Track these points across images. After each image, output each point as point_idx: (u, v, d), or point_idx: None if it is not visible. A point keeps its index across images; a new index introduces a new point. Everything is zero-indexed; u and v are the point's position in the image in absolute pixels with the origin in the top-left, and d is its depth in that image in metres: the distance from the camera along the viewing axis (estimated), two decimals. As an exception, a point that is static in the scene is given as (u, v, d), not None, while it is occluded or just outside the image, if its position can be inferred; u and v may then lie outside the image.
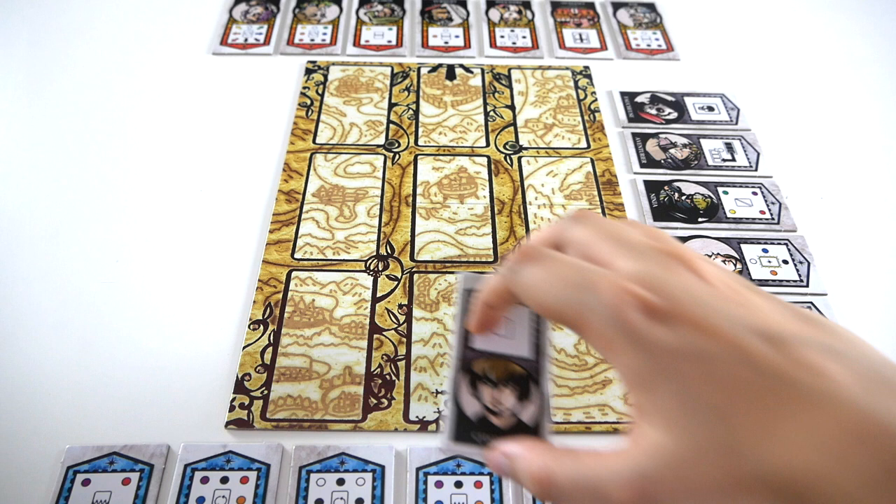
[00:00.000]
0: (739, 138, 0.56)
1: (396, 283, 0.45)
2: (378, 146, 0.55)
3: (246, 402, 0.39)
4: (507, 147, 0.55)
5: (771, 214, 0.50)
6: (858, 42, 0.68)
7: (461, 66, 0.63)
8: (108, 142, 0.55)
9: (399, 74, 0.61)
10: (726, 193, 0.52)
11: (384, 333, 0.42)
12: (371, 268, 0.46)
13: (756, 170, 0.54)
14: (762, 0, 0.72)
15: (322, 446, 0.37)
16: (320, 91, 0.60)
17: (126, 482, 0.36)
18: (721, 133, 0.57)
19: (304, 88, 0.60)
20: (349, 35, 0.66)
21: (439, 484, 0.36)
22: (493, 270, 0.34)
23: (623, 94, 0.60)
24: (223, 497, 0.35)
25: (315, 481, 0.36)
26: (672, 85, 0.62)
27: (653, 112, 0.59)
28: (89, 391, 0.40)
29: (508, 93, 0.60)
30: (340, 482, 0.36)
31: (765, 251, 0.48)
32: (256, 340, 0.42)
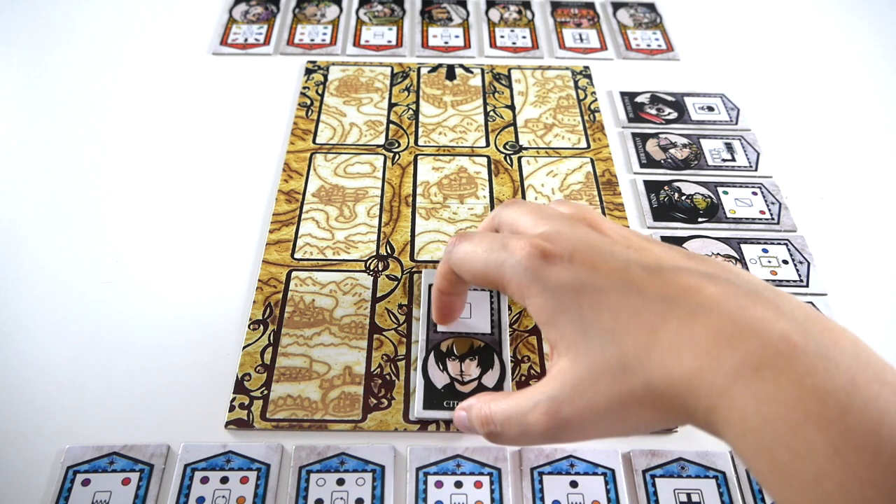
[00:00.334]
0: (739, 138, 0.56)
1: (396, 284, 0.45)
2: (378, 146, 0.55)
3: (246, 402, 0.39)
4: (507, 147, 0.55)
5: (771, 214, 0.50)
6: (859, 42, 0.68)
7: (461, 66, 0.63)
8: (108, 142, 0.55)
9: (399, 74, 0.61)
10: (726, 193, 0.52)
11: (384, 333, 0.42)
12: (371, 268, 0.46)
13: (756, 170, 0.54)
14: (762, 0, 0.72)
15: (322, 446, 0.37)
16: (320, 91, 0.60)
17: (126, 482, 0.36)
18: (721, 133, 0.57)
19: (304, 88, 0.60)
20: (349, 35, 0.66)
21: (439, 484, 0.36)
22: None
23: (623, 94, 0.60)
24: (223, 497, 0.35)
25: (315, 481, 0.36)
26: (672, 85, 0.62)
27: (653, 112, 0.59)
28: (89, 391, 0.40)
29: (508, 93, 0.60)
30: (340, 482, 0.36)
31: (765, 251, 0.48)
32: (256, 340, 0.42)
